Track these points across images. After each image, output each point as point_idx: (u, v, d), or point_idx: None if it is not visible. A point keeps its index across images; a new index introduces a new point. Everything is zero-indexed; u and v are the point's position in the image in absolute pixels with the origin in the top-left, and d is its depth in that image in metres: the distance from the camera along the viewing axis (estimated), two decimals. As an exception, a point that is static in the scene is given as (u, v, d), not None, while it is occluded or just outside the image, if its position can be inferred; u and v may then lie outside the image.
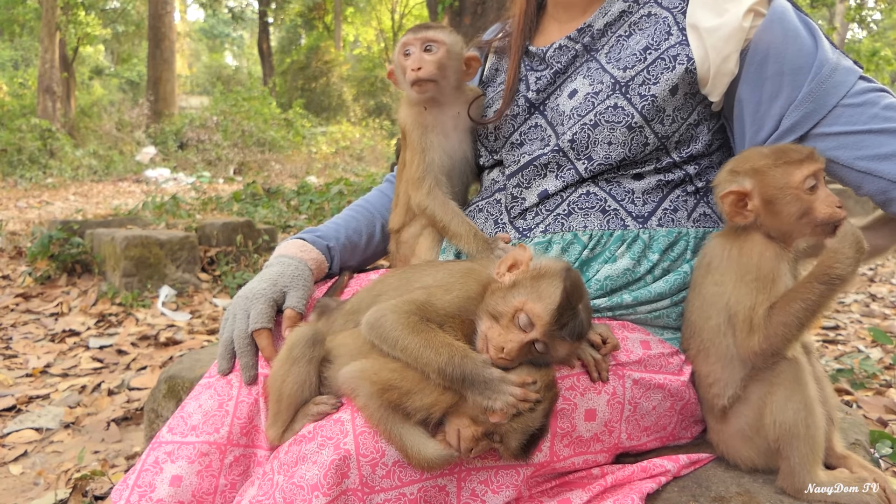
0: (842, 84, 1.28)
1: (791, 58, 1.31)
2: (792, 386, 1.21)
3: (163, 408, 2.05)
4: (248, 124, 18.58)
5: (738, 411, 1.29)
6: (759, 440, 1.26)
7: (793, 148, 1.24)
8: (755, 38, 1.33)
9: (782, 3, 1.34)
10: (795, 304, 1.18)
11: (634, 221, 1.39)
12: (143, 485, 1.23)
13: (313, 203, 8.06)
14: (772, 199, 1.23)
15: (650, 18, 1.43)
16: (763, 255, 1.24)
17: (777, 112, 1.33)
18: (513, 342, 1.08)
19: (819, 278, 1.17)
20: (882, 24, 25.45)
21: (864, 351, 3.50)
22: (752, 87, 1.36)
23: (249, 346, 1.33)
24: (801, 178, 1.20)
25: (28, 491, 2.33)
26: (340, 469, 1.06)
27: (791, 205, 1.21)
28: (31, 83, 21.37)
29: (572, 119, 1.43)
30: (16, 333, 4.13)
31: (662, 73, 1.37)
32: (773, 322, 1.19)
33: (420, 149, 1.52)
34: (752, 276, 1.24)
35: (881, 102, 1.28)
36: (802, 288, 1.18)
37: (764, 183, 1.23)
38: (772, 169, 1.22)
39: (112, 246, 4.89)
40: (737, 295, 1.25)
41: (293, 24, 30.25)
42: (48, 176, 14.46)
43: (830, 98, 1.28)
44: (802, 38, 1.31)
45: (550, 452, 1.23)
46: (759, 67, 1.34)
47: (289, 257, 1.48)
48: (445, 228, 1.48)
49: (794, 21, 1.33)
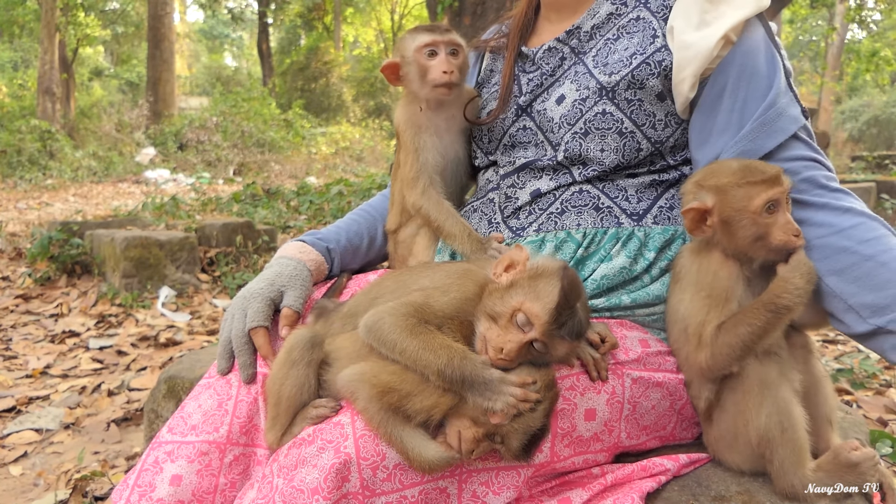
0: (781, 131, 1.29)
1: (743, 98, 1.32)
2: (761, 390, 1.20)
3: (163, 408, 2.05)
4: (247, 125, 18.58)
5: (717, 417, 1.29)
6: (740, 446, 1.26)
7: (760, 167, 1.21)
8: (717, 70, 1.34)
9: (753, 36, 1.34)
10: (742, 327, 1.18)
11: (629, 219, 1.40)
12: (144, 484, 1.23)
13: (313, 204, 8.06)
14: (728, 220, 1.21)
15: (638, 22, 1.43)
16: (718, 273, 1.24)
17: (720, 145, 1.33)
18: (512, 342, 1.08)
19: (767, 306, 1.17)
20: (882, 24, 25.46)
21: (864, 350, 3.50)
22: (706, 116, 1.36)
23: (247, 345, 1.33)
24: (760, 203, 1.18)
25: (28, 492, 2.33)
26: (341, 473, 1.06)
27: (747, 228, 1.20)
28: (31, 84, 21.37)
29: (563, 128, 1.43)
30: (16, 334, 4.13)
31: (647, 78, 1.37)
32: (719, 342, 1.20)
33: (413, 149, 1.53)
34: (705, 292, 1.24)
35: (801, 174, 1.29)
36: (750, 313, 1.18)
37: (724, 202, 1.21)
38: (734, 188, 1.20)
39: (112, 247, 4.89)
40: (691, 308, 1.26)
41: (293, 25, 30.24)
42: (48, 177, 14.46)
43: (769, 141, 1.29)
44: (759, 79, 1.31)
45: (551, 453, 1.23)
46: (715, 100, 1.34)
47: (288, 258, 1.49)
48: (440, 228, 1.49)
49: (758, 59, 1.32)
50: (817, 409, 1.30)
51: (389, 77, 1.55)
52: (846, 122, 26.71)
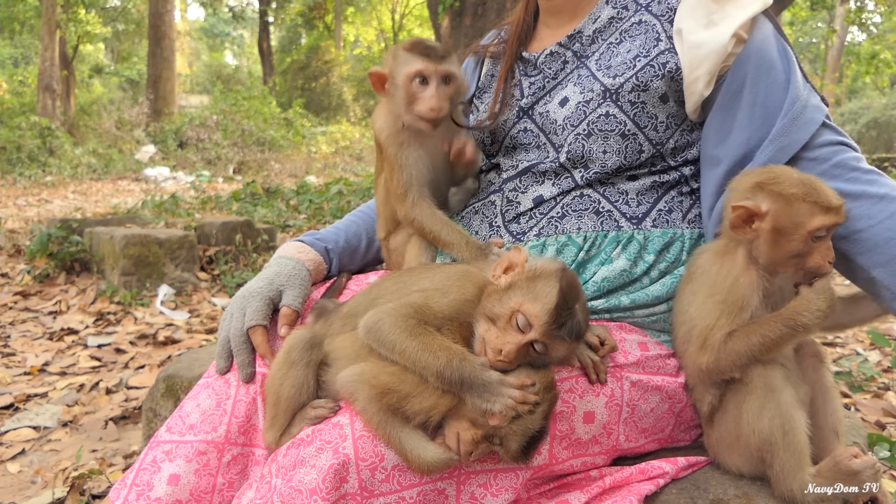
0: (811, 122, 1.30)
1: (763, 91, 1.32)
2: (764, 394, 1.21)
3: (161, 407, 2.04)
4: (247, 123, 18.58)
5: (719, 419, 1.29)
6: (740, 448, 1.26)
7: (825, 190, 1.19)
8: (733, 67, 1.34)
9: (763, 31, 1.35)
10: (755, 337, 1.19)
11: (628, 222, 1.40)
12: (141, 483, 1.23)
13: (312, 203, 8.06)
14: (781, 230, 1.20)
15: (640, 26, 1.43)
16: (738, 279, 1.24)
17: (743, 140, 1.34)
18: (511, 344, 1.08)
19: (785, 321, 1.17)
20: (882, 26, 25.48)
21: (863, 354, 3.50)
22: (726, 113, 1.36)
23: (245, 344, 1.33)
24: (817, 226, 1.17)
25: (25, 489, 2.32)
26: (339, 473, 1.06)
27: (795, 243, 1.19)
28: (31, 81, 21.35)
29: (566, 130, 1.43)
30: (14, 331, 4.13)
31: (652, 80, 1.37)
32: (728, 348, 1.21)
33: (398, 164, 1.46)
34: (721, 296, 1.24)
35: (832, 160, 1.30)
36: (767, 325, 1.19)
37: (783, 212, 1.19)
38: (798, 202, 1.18)
39: (111, 244, 4.88)
40: (702, 310, 1.26)
41: (293, 24, 30.24)
42: (47, 174, 14.45)
43: (802, 134, 1.30)
44: (776, 72, 1.32)
45: (549, 455, 1.23)
46: (734, 97, 1.35)
47: (287, 258, 1.49)
48: (437, 239, 1.45)
49: (771, 52, 1.33)
50: (825, 419, 1.30)
51: (375, 85, 1.45)
52: (846, 124, 26.72)
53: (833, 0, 14.93)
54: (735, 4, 1.33)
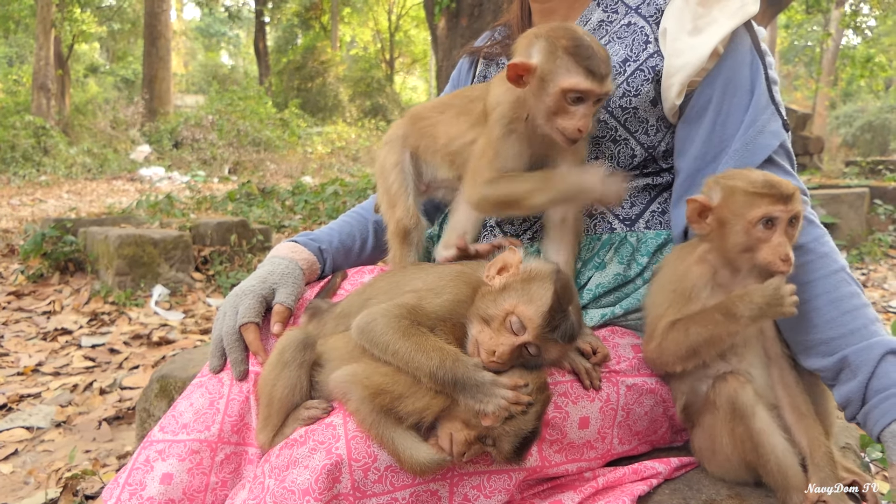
0: (765, 147, 1.29)
1: (725, 111, 1.33)
2: (732, 418, 1.19)
3: (155, 407, 2.04)
4: (243, 124, 18.54)
5: (695, 434, 1.30)
6: (720, 461, 1.26)
7: (779, 183, 1.17)
8: (702, 84, 1.35)
9: (739, 49, 1.34)
10: (693, 326, 1.19)
11: (621, 224, 1.40)
12: (134, 483, 1.22)
13: (308, 203, 8.05)
14: (724, 222, 1.20)
15: (629, 28, 1.43)
16: (690, 271, 1.24)
17: (698, 155, 1.35)
18: (504, 345, 1.08)
19: (719, 309, 1.17)
20: (876, 30, 25.60)
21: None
22: (690, 127, 1.37)
23: (238, 342, 1.33)
24: (756, 215, 1.15)
25: (18, 490, 2.31)
26: (332, 474, 1.06)
27: (738, 235, 1.18)
28: (26, 80, 21.28)
29: None
30: (7, 331, 4.11)
31: (642, 85, 1.37)
32: (669, 337, 1.21)
33: (495, 148, 1.30)
34: (672, 287, 1.25)
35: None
36: (705, 314, 1.19)
37: (726, 203, 1.20)
38: (740, 193, 1.18)
39: (105, 244, 4.87)
40: (655, 299, 1.27)
41: (290, 24, 30.20)
42: (42, 173, 14.39)
43: (754, 158, 1.29)
44: (742, 94, 1.32)
45: (543, 459, 1.23)
46: (699, 113, 1.35)
47: (280, 257, 1.49)
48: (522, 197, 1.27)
49: (742, 73, 1.33)
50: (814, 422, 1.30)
51: (510, 75, 1.24)
52: (840, 127, 26.83)
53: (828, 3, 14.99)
54: (722, 10, 1.31)
